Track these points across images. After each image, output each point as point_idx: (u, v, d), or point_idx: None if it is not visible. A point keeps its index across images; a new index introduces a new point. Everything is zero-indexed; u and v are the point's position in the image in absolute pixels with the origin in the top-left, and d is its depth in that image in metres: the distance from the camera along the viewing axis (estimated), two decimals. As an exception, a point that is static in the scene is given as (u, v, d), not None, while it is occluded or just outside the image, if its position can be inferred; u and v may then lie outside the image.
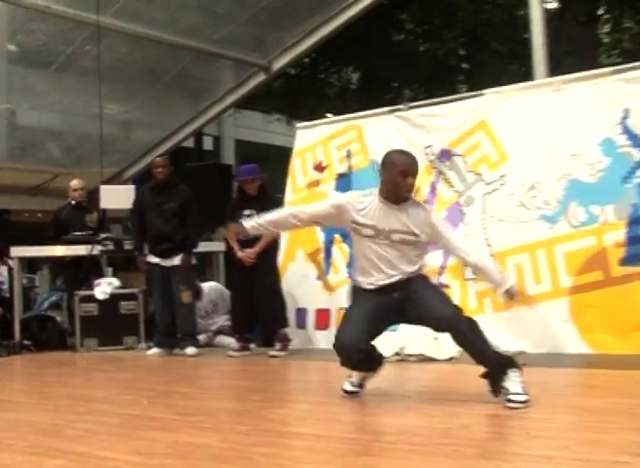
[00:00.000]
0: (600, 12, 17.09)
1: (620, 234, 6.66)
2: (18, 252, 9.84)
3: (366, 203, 4.78)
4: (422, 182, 7.69)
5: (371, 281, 4.78)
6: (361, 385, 4.93)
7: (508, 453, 3.27)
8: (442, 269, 7.51)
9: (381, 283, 4.75)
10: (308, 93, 19.00)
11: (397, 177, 4.69)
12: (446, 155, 7.66)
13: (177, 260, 8.20)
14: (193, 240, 8.36)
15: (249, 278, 7.74)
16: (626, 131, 6.76)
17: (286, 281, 8.20)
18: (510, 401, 4.34)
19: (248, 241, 7.58)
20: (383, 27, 17.85)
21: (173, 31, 11.29)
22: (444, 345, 6.70)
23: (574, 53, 13.96)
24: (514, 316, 7.04)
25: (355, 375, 4.93)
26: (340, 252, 8.12)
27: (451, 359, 6.58)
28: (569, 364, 6.16)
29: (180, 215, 8.25)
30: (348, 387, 4.92)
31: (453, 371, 6.27)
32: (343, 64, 20.03)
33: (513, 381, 4.45)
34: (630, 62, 7.27)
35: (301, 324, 8.28)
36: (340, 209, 4.83)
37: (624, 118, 6.76)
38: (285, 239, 8.43)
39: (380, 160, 7.95)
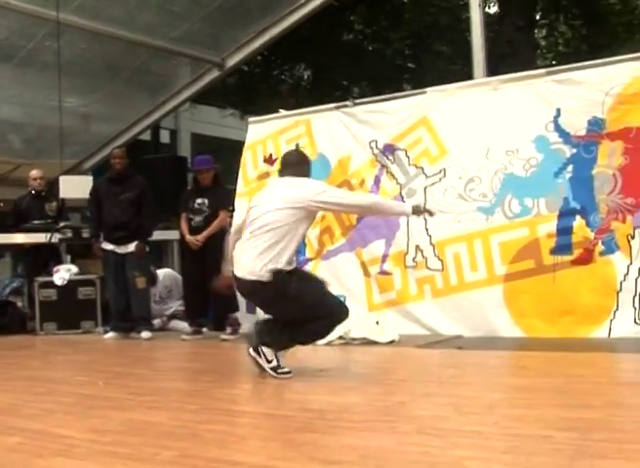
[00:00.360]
0: (537, 17, 17.31)
1: (551, 226, 6.79)
2: (-20, 239, 9.74)
3: None
4: (367, 175, 7.77)
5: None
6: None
7: (442, 429, 3.32)
8: (385, 257, 7.58)
9: None
10: (261, 89, 18.95)
11: None
12: (389, 149, 7.71)
13: (131, 247, 8.17)
14: (148, 228, 8.34)
15: (200, 264, 7.74)
16: (558, 129, 6.88)
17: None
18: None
19: (198, 229, 7.63)
20: (333, 28, 17.89)
21: (131, 29, 11.21)
22: (386, 329, 6.78)
23: (512, 55, 14.09)
24: (452, 302, 7.14)
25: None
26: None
27: (392, 342, 6.65)
28: (502, 347, 6.26)
29: (135, 205, 8.22)
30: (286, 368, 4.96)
31: (393, 354, 6.33)
32: (295, 62, 20.02)
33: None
34: (564, 65, 7.42)
35: (252, 309, 8.28)
36: None
37: (557, 117, 6.88)
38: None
39: (326, 153, 8.07)
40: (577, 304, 6.59)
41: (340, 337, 6.65)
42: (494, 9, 17.75)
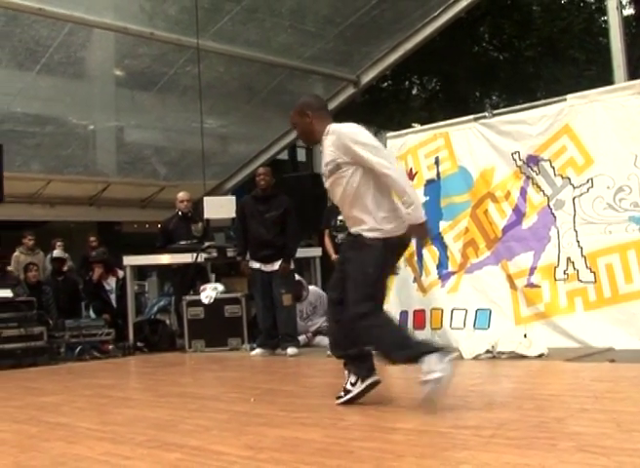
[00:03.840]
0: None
1: None
2: (129, 260, 10.08)
3: None
4: (512, 187, 7.60)
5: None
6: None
7: (604, 447, 3.19)
8: (532, 270, 7.40)
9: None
10: (393, 104, 18.94)
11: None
12: (533, 160, 7.53)
13: (277, 265, 8.27)
14: (292, 247, 8.42)
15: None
16: None
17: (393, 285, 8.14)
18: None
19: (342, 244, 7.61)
20: (463, 40, 17.76)
21: (266, 50, 11.45)
22: (534, 342, 6.61)
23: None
24: (605, 314, 6.90)
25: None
26: (430, 253, 8.06)
27: (541, 355, 6.48)
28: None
29: (280, 224, 8.32)
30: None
31: (543, 368, 6.16)
32: (426, 76, 19.96)
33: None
34: None
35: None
36: None
37: None
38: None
39: (467, 166, 7.96)
40: None
41: (488, 351, 6.54)
42: (628, 11, 17.22)
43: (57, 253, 11.21)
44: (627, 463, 2.94)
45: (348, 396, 4.71)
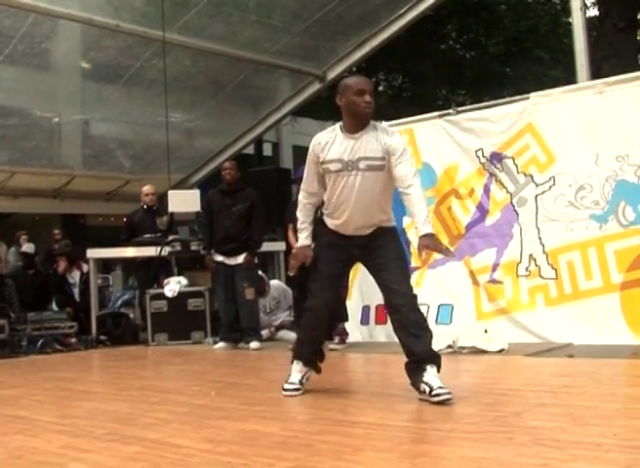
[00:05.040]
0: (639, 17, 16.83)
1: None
2: (93, 253, 10.02)
3: (331, 136, 4.57)
4: (476, 184, 7.65)
5: (346, 228, 4.64)
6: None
7: (560, 441, 3.22)
8: (495, 266, 7.47)
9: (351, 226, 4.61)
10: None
11: (353, 97, 4.50)
12: (497, 158, 7.59)
13: (240, 259, 8.26)
14: (257, 241, 8.42)
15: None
16: (670, 131, 6.67)
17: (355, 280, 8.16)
18: (437, 395, 4.22)
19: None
20: (430, 38, 17.82)
21: (233, 44, 11.39)
22: (495, 338, 6.66)
23: (614, 57, 13.76)
24: (566, 310, 6.99)
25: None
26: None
27: (501, 351, 6.53)
28: (614, 355, 6.04)
29: (246, 218, 8.31)
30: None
31: (503, 363, 6.22)
32: (393, 73, 20.00)
33: (433, 377, 4.36)
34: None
35: (365, 320, 8.27)
36: (312, 156, 4.67)
37: (668, 119, 6.66)
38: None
39: (431, 162, 7.99)
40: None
41: (449, 346, 6.57)
42: (592, 12, 17.37)
43: (26, 247, 11.08)
44: (581, 456, 2.96)
45: None
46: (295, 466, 3.06)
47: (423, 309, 7.28)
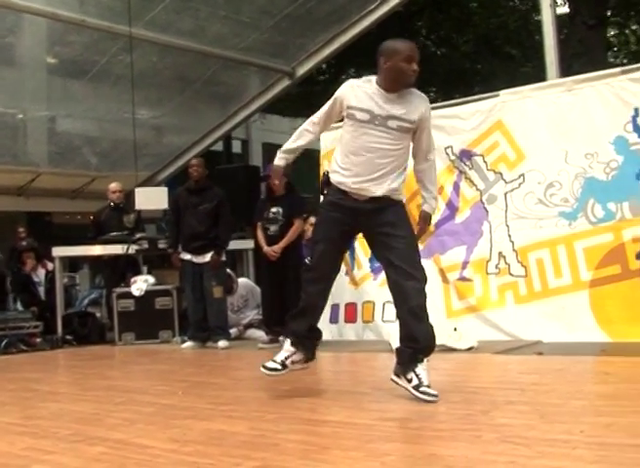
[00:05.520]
0: (608, 14, 16.99)
1: (636, 230, 6.60)
2: (59, 251, 9.94)
3: (366, 87, 4.50)
4: (445, 182, 7.67)
5: (354, 180, 4.46)
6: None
7: (527, 438, 3.23)
8: (465, 264, 7.50)
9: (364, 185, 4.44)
10: (329, 97, 18.93)
11: (401, 64, 4.42)
12: (466, 155, 7.62)
13: (208, 257, 8.24)
14: (224, 239, 8.41)
15: (276, 273, 7.76)
16: (637, 129, 6.71)
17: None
18: (424, 393, 4.20)
19: (273, 238, 7.65)
20: (400, 34, 17.82)
21: (201, 40, 11.34)
22: (464, 335, 6.69)
23: (584, 54, 13.88)
24: (535, 308, 7.03)
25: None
26: (362, 247, 8.06)
27: (470, 348, 6.56)
28: (583, 352, 6.09)
29: (213, 216, 8.31)
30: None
31: (472, 360, 6.25)
32: (363, 69, 20.00)
33: (426, 371, 4.31)
34: (636, 63, 7.24)
35: (334, 319, 8.25)
36: (341, 95, 4.56)
37: (635, 116, 6.70)
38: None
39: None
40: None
41: (418, 344, 6.58)
42: (562, 9, 17.50)
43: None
44: (548, 453, 2.98)
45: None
46: (261, 465, 3.05)
47: (393, 307, 7.36)
